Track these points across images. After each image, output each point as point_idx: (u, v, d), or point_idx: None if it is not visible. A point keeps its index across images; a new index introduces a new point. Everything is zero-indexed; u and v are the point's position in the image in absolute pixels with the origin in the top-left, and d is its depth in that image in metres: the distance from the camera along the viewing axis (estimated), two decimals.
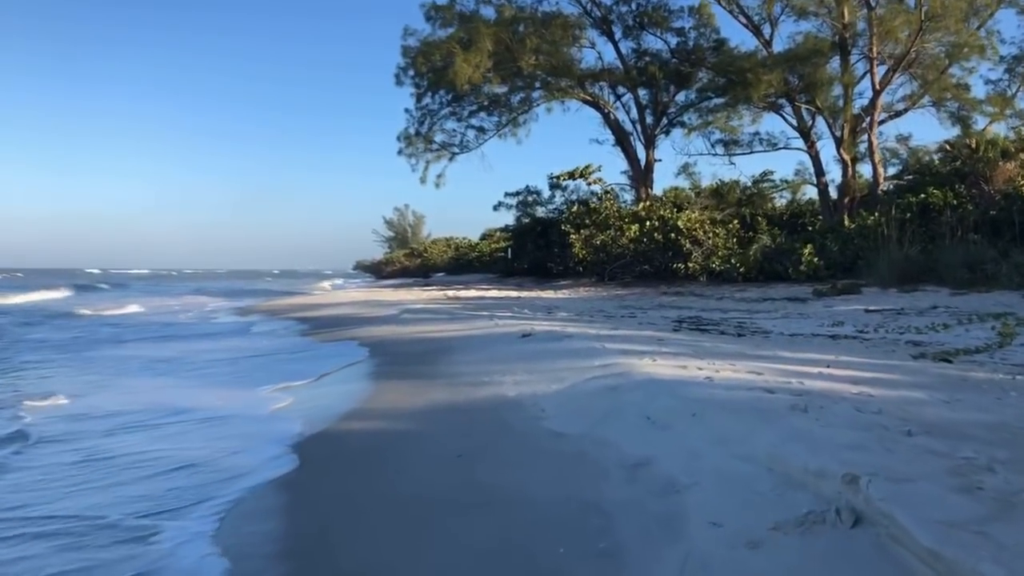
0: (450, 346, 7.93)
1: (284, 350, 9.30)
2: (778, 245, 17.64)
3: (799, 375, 4.64)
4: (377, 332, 10.02)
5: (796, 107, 25.04)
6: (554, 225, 29.19)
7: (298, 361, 8.15)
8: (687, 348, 6.32)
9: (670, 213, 19.10)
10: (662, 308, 12.73)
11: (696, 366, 5.07)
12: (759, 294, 14.33)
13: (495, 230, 48.57)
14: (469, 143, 27.89)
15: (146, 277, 75.50)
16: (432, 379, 6.11)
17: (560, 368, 5.61)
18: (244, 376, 7.41)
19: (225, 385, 6.89)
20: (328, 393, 6.06)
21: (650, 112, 28.39)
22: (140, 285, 46.01)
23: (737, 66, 22.24)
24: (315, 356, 8.48)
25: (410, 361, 7.30)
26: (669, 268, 18.74)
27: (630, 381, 4.59)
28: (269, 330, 12.40)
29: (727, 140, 26.09)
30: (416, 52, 25.73)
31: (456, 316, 10.85)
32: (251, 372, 7.66)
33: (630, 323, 9.35)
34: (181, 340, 11.49)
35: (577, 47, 26.76)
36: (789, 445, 2.89)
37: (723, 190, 25.98)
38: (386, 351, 8.21)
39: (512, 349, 7.06)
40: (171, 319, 16.62)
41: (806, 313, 10.58)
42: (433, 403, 5.19)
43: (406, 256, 66.63)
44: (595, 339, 7.13)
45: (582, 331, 7.94)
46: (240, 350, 9.78)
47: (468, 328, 9.25)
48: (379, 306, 15.46)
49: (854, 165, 24.41)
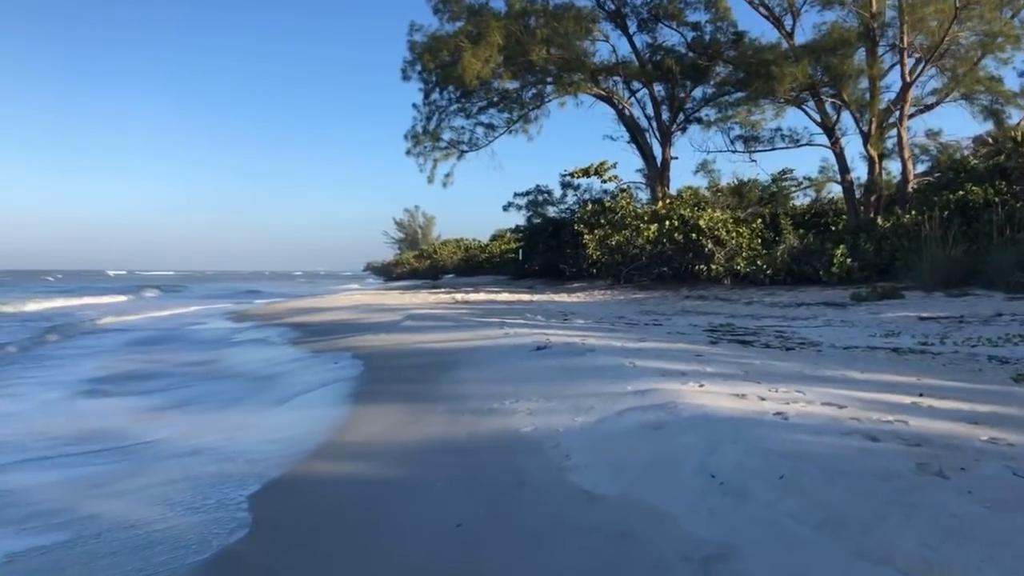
0: (454, 360, 6.96)
1: (267, 361, 8.36)
2: (806, 245, 16.57)
3: (891, 408, 3.64)
4: (375, 341, 9.07)
5: (820, 101, 23.95)
6: (566, 225, 28.18)
7: (278, 377, 7.21)
8: (734, 367, 5.32)
9: (691, 212, 18.06)
10: (687, 314, 11.71)
11: (756, 394, 4.08)
12: (791, 298, 13.28)
13: (505, 231, 47.61)
14: (478, 140, 26.97)
15: (178, 279, 74.92)
16: (430, 403, 5.14)
17: (585, 393, 4.63)
18: (209, 396, 6.48)
19: (180, 406, 5.96)
20: (303, 420, 5.10)
21: (666, 107, 27.36)
22: (199, 288, 45.21)
23: (760, 58, 21.16)
24: (300, 369, 7.53)
25: (407, 378, 6.34)
26: (690, 270, 17.71)
27: (678, 417, 3.60)
28: (261, 337, 11.49)
29: (747, 136, 25.01)
30: (423, 47, 24.82)
31: (463, 323, 9.88)
32: (220, 390, 6.74)
33: (657, 333, 8.35)
34: (157, 348, 10.60)
35: (590, 40, 25.78)
36: (952, 549, 1.90)
37: (743, 188, 24.90)
38: (382, 364, 7.25)
39: (525, 365, 6.08)
40: (163, 324, 15.77)
41: (850, 320, 9.54)
42: (429, 438, 4.22)
43: (416, 258, 65.86)
44: (622, 353, 6.14)
45: (605, 343, 6.96)
46: (219, 360, 8.87)
47: (476, 338, 8.28)
48: (382, 311, 14.52)
49: (881, 162, 23.30)
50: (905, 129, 21.37)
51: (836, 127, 23.89)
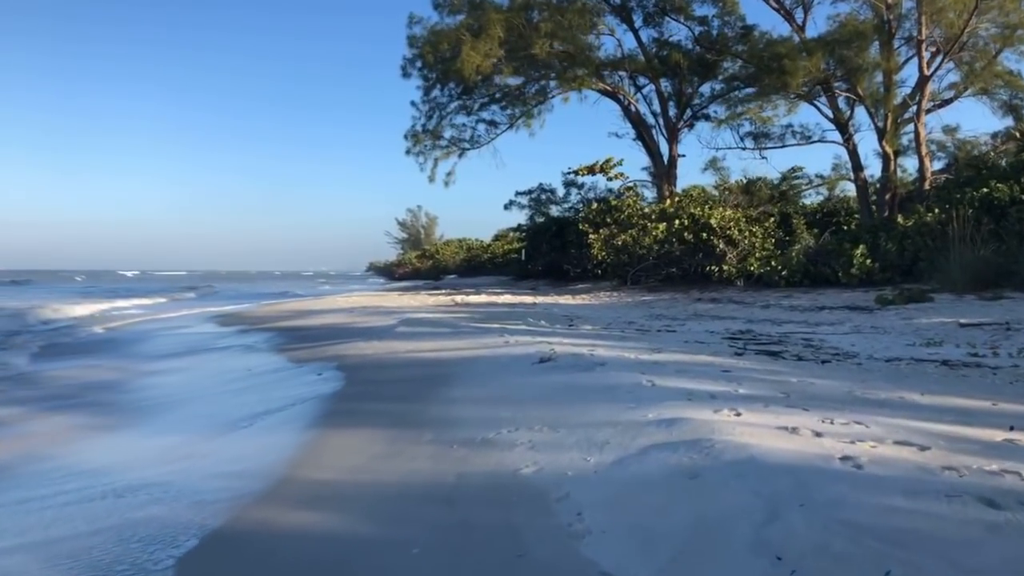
0: (448, 373, 6.22)
1: (243, 372, 7.63)
2: (822, 245, 15.80)
3: (984, 449, 2.90)
4: (365, 349, 8.33)
5: (832, 97, 23.19)
6: (570, 225, 27.44)
7: (249, 391, 6.48)
8: (769, 386, 4.58)
9: (701, 210, 17.28)
10: (701, 318, 10.96)
11: (808, 427, 3.34)
12: (810, 301, 12.51)
13: (508, 230, 46.88)
14: (480, 138, 26.24)
15: (192, 279, 74.13)
16: (416, 428, 4.40)
17: (597, 421, 3.89)
18: (166, 412, 5.76)
19: (125, 426, 5.24)
20: (265, 448, 4.36)
21: (673, 104, 26.61)
22: (233, 289, 44.39)
23: (772, 51, 20.39)
24: (276, 382, 6.80)
25: (393, 395, 5.60)
26: (700, 271, 16.96)
27: (718, 461, 2.86)
28: (247, 343, 10.76)
29: (757, 133, 24.25)
30: (423, 42, 24.08)
31: (460, 330, 9.14)
32: (181, 405, 6.02)
33: (672, 341, 7.60)
34: (124, 356, 9.90)
35: (595, 34, 25.02)
36: None
37: (753, 187, 24.11)
38: (367, 378, 6.51)
39: (527, 382, 5.34)
40: (149, 327, 15.07)
41: (881, 327, 8.78)
42: (409, 480, 3.48)
43: (418, 258, 65.20)
44: (637, 368, 5.40)
45: (616, 355, 6.21)
46: (189, 369, 8.15)
47: (473, 347, 7.54)
48: (377, 314, 13.79)
49: (896, 159, 22.54)
50: (923, 124, 20.60)
51: (850, 123, 23.14)
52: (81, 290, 38.98)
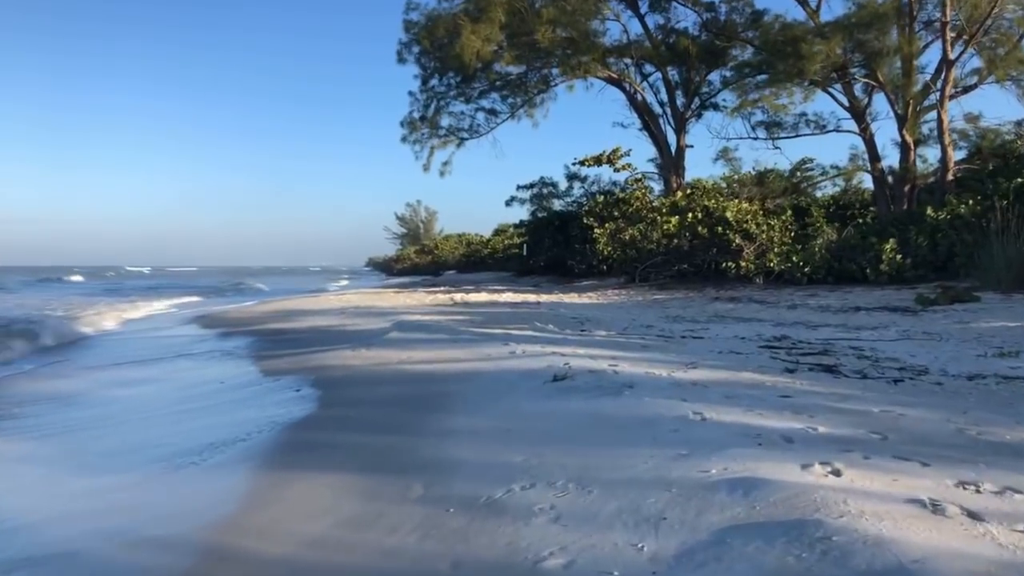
0: (444, 393, 5.24)
1: (207, 387, 6.64)
2: (844, 240, 14.81)
3: None
4: (351, 359, 7.35)
5: (848, 84, 22.16)
6: (574, 219, 26.44)
7: (209, 411, 5.48)
8: (850, 420, 3.60)
9: (716, 203, 16.26)
10: (724, 320, 9.97)
11: (948, 498, 2.35)
12: (839, 300, 11.51)
13: (508, 225, 45.74)
14: (479, 127, 25.19)
15: (203, 274, 72.65)
16: (402, 475, 3.43)
17: (642, 476, 2.91)
18: (93, 440, 4.77)
19: (50, 459, 4.24)
20: (204, 501, 3.37)
21: (680, 92, 25.57)
22: (274, 285, 43.03)
23: (788, 34, 19.34)
24: (242, 400, 5.79)
25: (378, 422, 4.62)
26: (715, 267, 15.97)
27: (853, 572, 1.87)
28: (224, 349, 9.77)
29: (769, 122, 23.21)
30: (420, 27, 23.03)
31: (459, 336, 8.14)
32: (113, 431, 5.04)
33: (703, 351, 6.60)
34: (86, 361, 8.91)
35: (599, 19, 23.95)
36: None
37: (766, 178, 23.09)
38: (349, 397, 5.53)
39: (541, 409, 4.36)
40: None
41: (933, 332, 7.80)
42: (385, 564, 2.50)
43: (417, 253, 64.20)
44: (674, 391, 4.42)
45: (644, 371, 5.22)
46: (155, 381, 7.15)
47: (474, 358, 6.56)
48: (370, 315, 12.81)
49: (915, 148, 21.53)
50: (946, 111, 19.55)
51: (867, 111, 22.12)
52: (108, 288, 37.19)
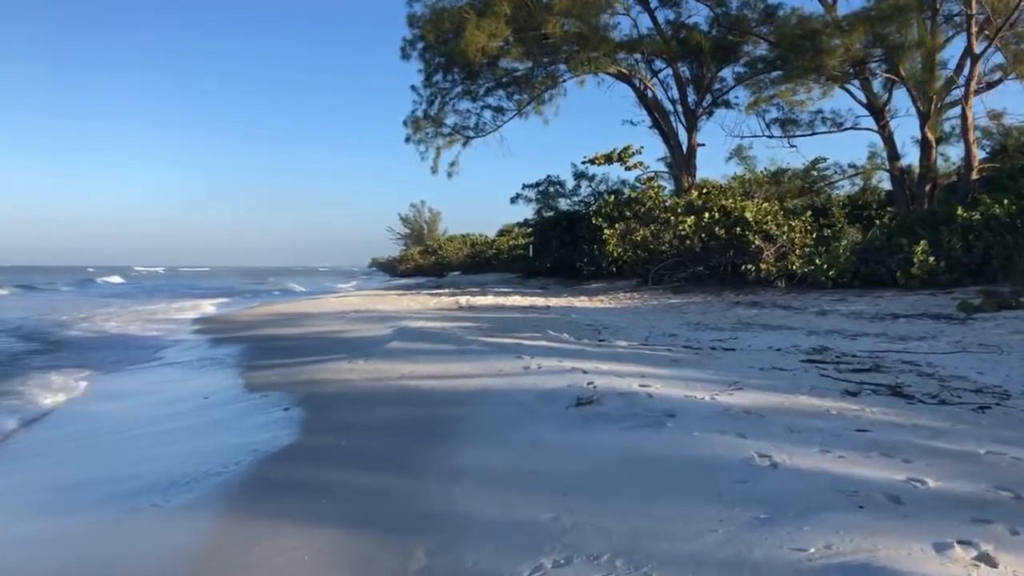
0: (451, 418, 4.55)
1: (189, 403, 5.95)
2: (869, 241, 14.08)
3: None
4: (346, 373, 6.66)
5: (866, 80, 21.39)
6: (582, 219, 25.70)
7: (181, 436, 4.79)
8: (958, 465, 2.89)
9: (734, 203, 15.53)
10: (751, 328, 9.24)
11: None
12: (870, 306, 10.78)
13: (513, 225, 44.99)
14: (486, 125, 24.42)
15: (217, 275, 71.91)
16: (400, 534, 2.74)
17: (711, 553, 2.21)
18: (55, 467, 4.08)
19: None
20: (151, 567, 2.68)
21: (692, 89, 24.82)
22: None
23: (807, 28, 18.59)
24: (222, 421, 5.10)
25: (372, 455, 3.93)
26: (731, 270, 15.25)
27: None
28: (213, 357, 9.09)
29: (785, 119, 22.45)
30: (424, 21, 22.32)
31: (467, 347, 7.43)
32: (83, 452, 4.35)
33: (739, 365, 5.88)
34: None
35: (609, 13, 23.20)
36: None
37: (782, 177, 22.34)
38: (341, 421, 4.84)
39: (566, 442, 3.66)
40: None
41: (991, 343, 7.07)
42: None
43: (421, 254, 63.43)
44: (725, 420, 3.71)
45: (682, 394, 4.51)
46: (132, 396, 6.47)
47: (484, 373, 5.86)
48: (370, 320, 12.12)
49: (937, 146, 20.76)
50: (970, 108, 18.77)
51: (886, 108, 21.34)
52: (152, 288, 35.70)
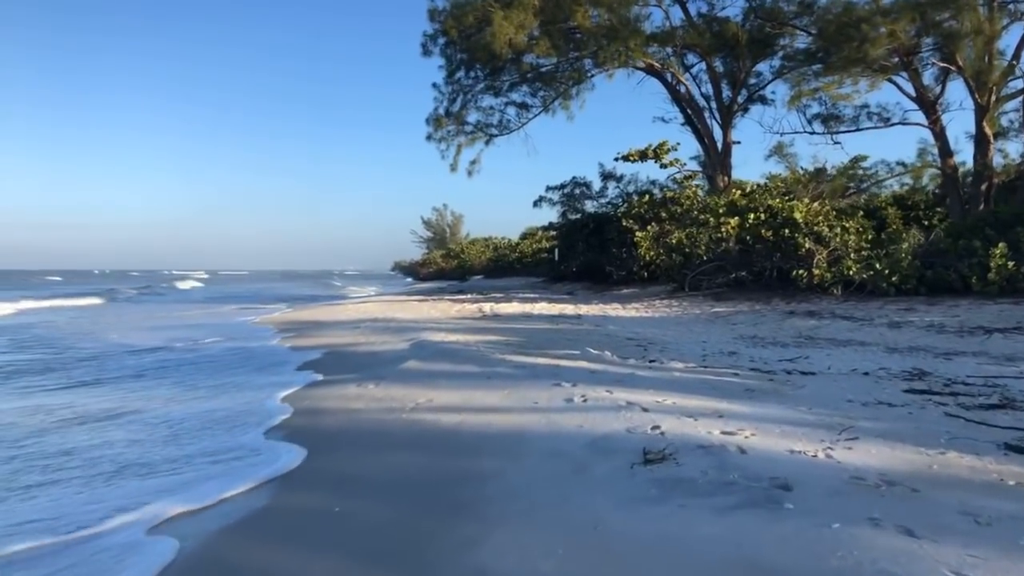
0: (475, 476, 3.49)
1: (164, 429, 4.94)
2: (933, 243, 12.78)
3: None
4: (352, 400, 5.62)
5: (915, 71, 19.99)
6: (610, 221, 24.55)
7: (151, 468, 3.76)
8: None
9: (780, 203, 14.30)
10: (817, 343, 8.06)
11: None
12: (947, 317, 9.53)
13: (536, 228, 43.87)
14: (510, 122, 23.34)
15: (256, 279, 71.42)
16: None
17: None
18: None
19: None
20: None
21: (726, 84, 23.58)
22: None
23: (852, 15, 17.29)
24: (184, 463, 4.09)
25: (369, 533, 2.88)
26: (778, 275, 14.03)
27: None
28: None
29: (827, 115, 21.12)
30: (446, 14, 21.33)
31: (493, 368, 6.35)
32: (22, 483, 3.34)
33: (831, 396, 4.73)
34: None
35: (640, 4, 22.04)
36: None
37: (824, 176, 21.01)
38: (334, 472, 3.80)
39: (640, 532, 2.58)
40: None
41: None
42: None
43: (443, 257, 62.57)
44: (867, 499, 2.60)
45: (786, 446, 3.40)
46: (108, 419, 5.48)
47: (516, 406, 4.79)
48: (387, 331, 11.10)
49: (995, 141, 19.36)
50: None
51: (939, 101, 19.94)
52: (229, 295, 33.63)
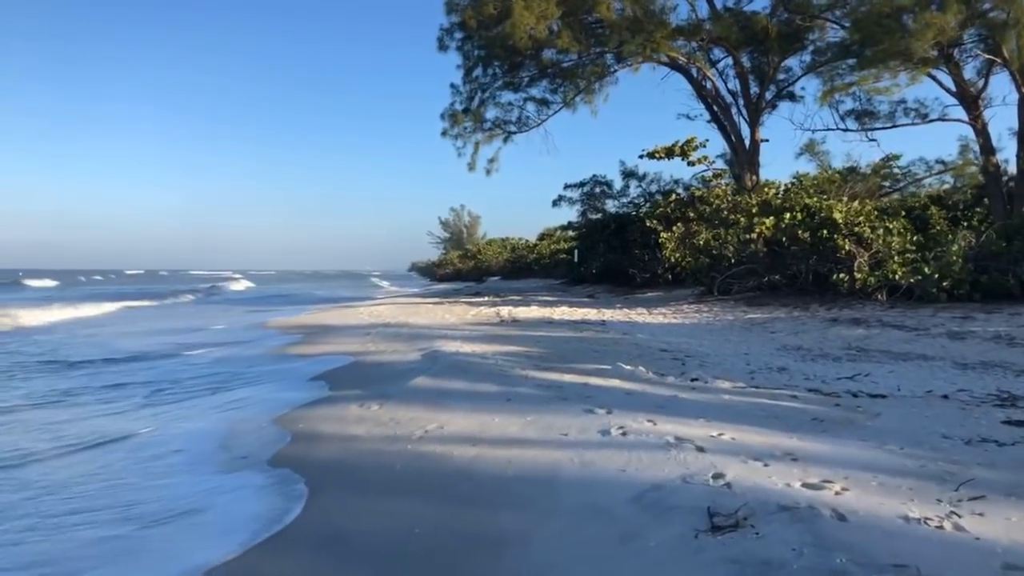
0: (493, 539, 2.77)
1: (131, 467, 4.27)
2: (984, 245, 11.88)
3: None
4: (351, 425, 4.92)
5: (956, 64, 18.99)
6: (633, 222, 23.75)
7: (119, 517, 3.10)
8: None
9: (818, 202, 13.45)
10: (871, 356, 7.25)
11: None
12: (1014, 326, 8.66)
13: (555, 229, 43.01)
14: (529, 119, 22.56)
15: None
16: None
17: None
18: None
19: None
20: None
21: (754, 80, 22.69)
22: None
23: (893, 5, 16.37)
24: (162, 519, 3.40)
25: None
26: (815, 278, 13.18)
27: None
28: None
29: (861, 111, 20.18)
30: (464, 6, 20.62)
31: (515, 387, 5.61)
32: None
33: (915, 430, 3.95)
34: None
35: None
36: None
37: (858, 174, 20.08)
38: (316, 531, 3.08)
39: None
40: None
41: None
42: None
43: (460, 258, 61.92)
44: None
45: (894, 510, 2.64)
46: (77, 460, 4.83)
47: (541, 439, 4.06)
48: (398, 338, 10.42)
49: None
50: None
51: (981, 96, 18.93)
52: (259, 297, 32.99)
